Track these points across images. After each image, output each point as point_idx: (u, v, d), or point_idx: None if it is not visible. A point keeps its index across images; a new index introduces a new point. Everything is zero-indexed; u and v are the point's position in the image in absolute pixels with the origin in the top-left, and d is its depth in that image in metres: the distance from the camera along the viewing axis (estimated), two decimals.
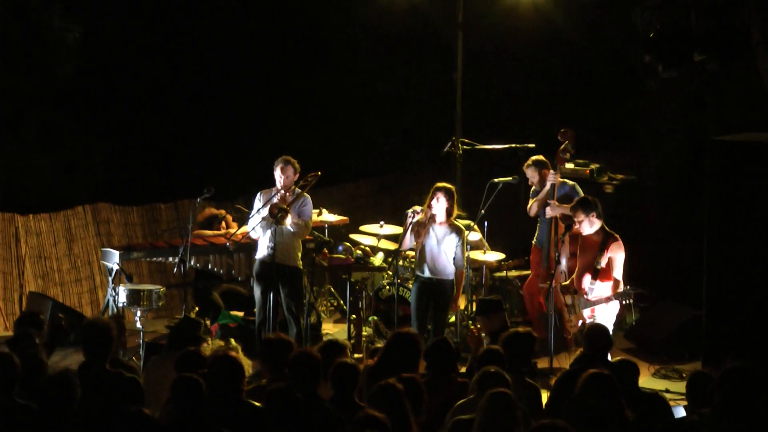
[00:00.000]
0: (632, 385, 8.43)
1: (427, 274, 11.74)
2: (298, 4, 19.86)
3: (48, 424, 7.47)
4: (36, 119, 17.71)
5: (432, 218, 11.68)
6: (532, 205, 12.76)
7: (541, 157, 12.83)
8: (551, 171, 12.47)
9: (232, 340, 11.99)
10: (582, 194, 12.30)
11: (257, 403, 7.63)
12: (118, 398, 7.63)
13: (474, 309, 13.68)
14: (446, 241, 11.67)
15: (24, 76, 16.98)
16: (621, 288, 11.13)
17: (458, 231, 11.74)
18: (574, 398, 7.38)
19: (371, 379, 8.18)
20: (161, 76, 19.52)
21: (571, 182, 12.68)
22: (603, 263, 11.17)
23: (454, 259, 11.70)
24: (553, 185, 12.52)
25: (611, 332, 10.64)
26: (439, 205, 11.64)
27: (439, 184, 11.77)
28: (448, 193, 11.68)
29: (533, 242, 12.83)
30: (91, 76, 18.46)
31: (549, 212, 12.37)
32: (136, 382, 7.95)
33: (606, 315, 11.11)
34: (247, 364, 10.09)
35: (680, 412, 8.81)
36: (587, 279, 11.20)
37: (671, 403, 10.59)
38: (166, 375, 8.28)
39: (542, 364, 11.35)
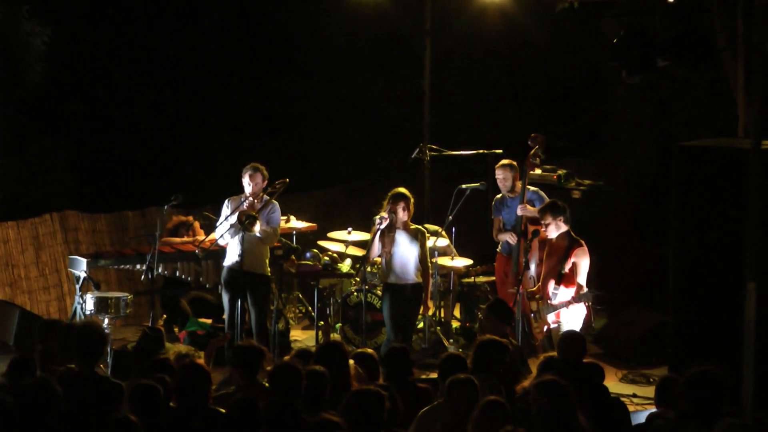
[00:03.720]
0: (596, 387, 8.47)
1: (397, 280, 11.80)
2: (265, 11, 19.82)
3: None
4: (1, 125, 17.57)
5: (395, 224, 11.75)
6: (496, 235, 12.75)
7: (513, 162, 12.82)
8: (520, 206, 12.39)
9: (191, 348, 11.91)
10: (548, 199, 12.33)
11: (223, 410, 7.61)
12: (104, 403, 7.60)
13: (442, 315, 13.71)
14: (411, 245, 11.76)
15: None
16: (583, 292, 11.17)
17: (420, 233, 11.90)
18: (538, 406, 7.35)
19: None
20: (128, 83, 19.44)
21: (533, 188, 12.69)
22: (567, 268, 11.21)
23: (419, 260, 11.77)
24: (522, 190, 12.49)
25: None
26: (403, 212, 11.73)
27: (398, 191, 11.86)
28: (407, 199, 11.82)
29: (498, 250, 12.84)
30: (58, 82, 18.34)
31: (519, 211, 12.37)
32: (120, 387, 7.90)
33: (571, 320, 11.16)
34: None
35: (640, 418, 8.84)
36: (551, 284, 11.24)
37: (639, 407, 10.71)
38: None
39: None
